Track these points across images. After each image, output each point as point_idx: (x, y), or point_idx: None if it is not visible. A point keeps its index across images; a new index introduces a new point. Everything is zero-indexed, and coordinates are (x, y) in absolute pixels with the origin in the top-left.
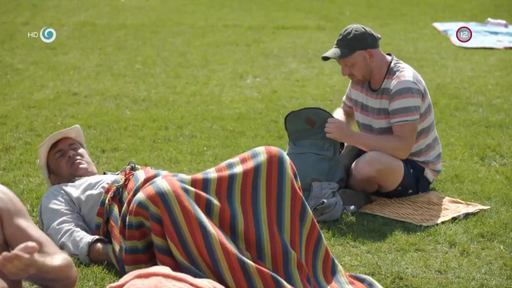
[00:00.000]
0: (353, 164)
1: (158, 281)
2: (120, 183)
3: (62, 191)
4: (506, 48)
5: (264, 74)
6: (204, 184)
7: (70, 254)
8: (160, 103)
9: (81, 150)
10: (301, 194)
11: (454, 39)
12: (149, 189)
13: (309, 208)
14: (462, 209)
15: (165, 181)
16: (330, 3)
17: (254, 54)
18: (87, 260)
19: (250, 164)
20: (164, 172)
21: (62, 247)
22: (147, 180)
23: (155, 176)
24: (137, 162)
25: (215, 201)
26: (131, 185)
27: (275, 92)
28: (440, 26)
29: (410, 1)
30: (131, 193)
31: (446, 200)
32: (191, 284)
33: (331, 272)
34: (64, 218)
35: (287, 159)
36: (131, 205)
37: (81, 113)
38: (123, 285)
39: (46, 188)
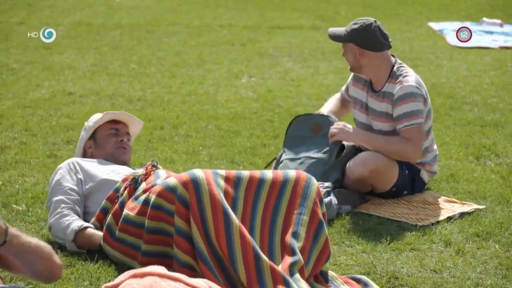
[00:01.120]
0: (347, 164)
1: (153, 281)
2: (139, 174)
3: (78, 168)
4: (501, 48)
5: (260, 74)
6: (236, 179)
7: (55, 237)
8: (155, 103)
9: (130, 143)
10: (321, 217)
11: (449, 39)
12: (183, 175)
13: (325, 230)
14: (457, 208)
15: (200, 170)
16: (325, 3)
17: (249, 53)
18: (72, 247)
19: (280, 175)
20: None
21: (50, 227)
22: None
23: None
24: (133, 162)
25: (241, 201)
26: (151, 179)
27: (270, 91)
28: (435, 25)
29: (406, 1)
30: (150, 184)
31: (441, 199)
32: (187, 284)
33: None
34: (63, 197)
35: (315, 183)
36: (157, 187)
37: (76, 112)
38: (118, 284)
39: (41, 188)
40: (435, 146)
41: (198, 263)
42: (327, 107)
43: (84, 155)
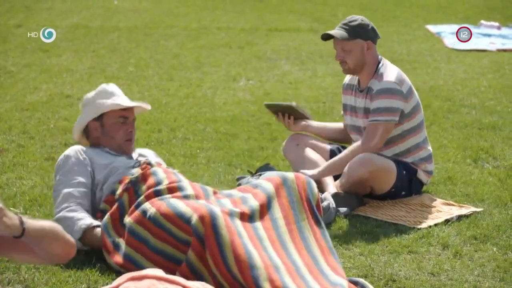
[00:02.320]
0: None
1: (151, 284)
2: (136, 176)
3: (88, 159)
4: (499, 50)
5: (257, 77)
6: (250, 213)
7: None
8: (153, 106)
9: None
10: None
11: (447, 41)
12: (199, 206)
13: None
14: (455, 211)
15: (218, 208)
16: (323, 5)
17: (247, 56)
18: (77, 244)
19: (278, 179)
20: (182, 177)
21: (56, 220)
22: (171, 183)
23: (177, 180)
24: None
25: (261, 230)
26: (151, 181)
27: (268, 94)
28: (433, 28)
29: (403, 3)
30: (151, 190)
31: (439, 202)
32: (184, 286)
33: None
34: (72, 190)
35: (314, 184)
36: (161, 204)
37: (74, 115)
38: (116, 287)
39: (38, 191)
40: (429, 146)
41: None
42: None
43: (86, 133)
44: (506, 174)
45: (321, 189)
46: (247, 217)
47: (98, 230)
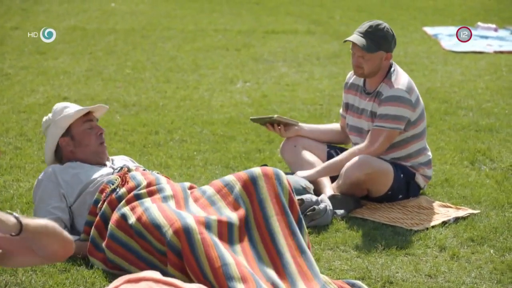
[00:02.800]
0: (343, 168)
1: (148, 286)
2: (116, 184)
3: (60, 180)
4: (496, 52)
5: (254, 79)
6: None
7: None
8: (150, 108)
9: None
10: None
11: (444, 43)
12: (173, 217)
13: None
14: (452, 213)
15: (191, 216)
16: (320, 8)
17: (244, 58)
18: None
19: (245, 176)
20: (161, 177)
21: None
22: (150, 185)
23: (156, 180)
24: None
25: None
26: (131, 184)
27: (265, 96)
28: (430, 30)
29: (400, 6)
30: (132, 194)
31: (436, 204)
32: None
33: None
34: (46, 218)
35: (283, 176)
36: (141, 212)
37: None
38: None
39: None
40: (429, 152)
41: None
42: (326, 133)
43: (58, 152)
44: (503, 176)
45: (318, 191)
46: (226, 225)
47: (76, 242)
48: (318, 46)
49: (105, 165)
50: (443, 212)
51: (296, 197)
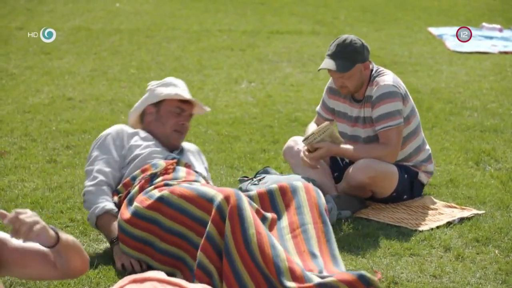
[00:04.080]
0: (347, 171)
1: (153, 286)
2: (158, 169)
3: (125, 140)
4: (501, 53)
5: (259, 79)
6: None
7: (84, 204)
8: None
9: (189, 124)
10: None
11: (448, 44)
12: (226, 189)
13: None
14: (457, 213)
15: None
16: (324, 8)
17: (248, 58)
18: (93, 224)
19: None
20: (202, 179)
21: (84, 194)
22: (187, 181)
23: (194, 180)
24: None
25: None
26: (170, 176)
27: (270, 96)
28: (434, 30)
29: (405, 6)
30: (163, 182)
31: (441, 204)
32: None
33: None
34: (104, 168)
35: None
36: (180, 188)
37: (76, 118)
38: None
39: (40, 193)
40: (427, 146)
41: (223, 273)
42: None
43: (141, 116)
44: (508, 176)
45: (323, 192)
46: (261, 215)
47: (111, 216)
48: (323, 46)
49: (171, 150)
50: (448, 213)
51: None
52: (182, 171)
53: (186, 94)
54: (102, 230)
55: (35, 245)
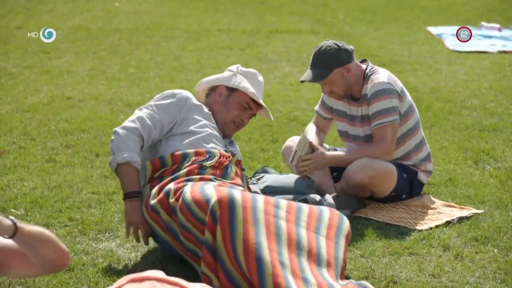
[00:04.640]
0: (346, 170)
1: (152, 285)
2: (211, 163)
3: (185, 110)
4: (500, 52)
5: None
6: (276, 203)
7: (111, 142)
8: None
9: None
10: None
11: (448, 43)
12: (224, 189)
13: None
14: (456, 213)
15: (239, 192)
16: (324, 7)
17: (248, 58)
18: (114, 167)
19: (315, 207)
20: (245, 185)
21: (116, 131)
22: (232, 183)
23: (239, 185)
24: None
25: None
26: (218, 172)
27: (269, 96)
28: (434, 30)
29: (404, 5)
30: (196, 171)
31: (440, 204)
32: None
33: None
34: (148, 121)
35: (347, 221)
36: (194, 186)
37: (75, 117)
38: None
39: (39, 193)
40: (426, 145)
41: (219, 275)
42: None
43: (210, 92)
44: (507, 175)
45: (321, 192)
46: (272, 205)
47: (132, 168)
48: None
49: (222, 138)
50: (447, 212)
51: (300, 197)
52: (232, 171)
53: (260, 97)
54: (120, 179)
55: (16, 244)
